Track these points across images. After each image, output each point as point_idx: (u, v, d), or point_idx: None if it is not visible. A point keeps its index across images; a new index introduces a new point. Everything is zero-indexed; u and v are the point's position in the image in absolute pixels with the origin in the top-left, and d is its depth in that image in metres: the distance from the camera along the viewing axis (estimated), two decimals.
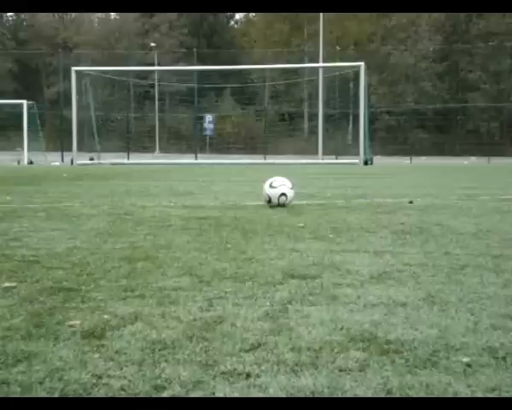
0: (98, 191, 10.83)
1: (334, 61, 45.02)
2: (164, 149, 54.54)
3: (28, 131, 33.68)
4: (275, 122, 52.04)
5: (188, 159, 35.99)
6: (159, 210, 7.40)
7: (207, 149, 52.43)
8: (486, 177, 17.91)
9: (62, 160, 34.97)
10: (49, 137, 43.94)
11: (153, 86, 54.83)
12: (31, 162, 32.26)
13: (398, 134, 50.47)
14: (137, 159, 34.49)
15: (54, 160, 34.08)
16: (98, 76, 38.35)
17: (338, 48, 46.61)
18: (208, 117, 52.33)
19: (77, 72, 29.35)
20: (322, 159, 35.52)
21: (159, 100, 55.94)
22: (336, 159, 36.28)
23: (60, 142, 39.27)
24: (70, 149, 29.59)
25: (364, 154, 26.57)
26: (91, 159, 30.78)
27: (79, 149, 29.90)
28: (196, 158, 37.88)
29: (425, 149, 48.51)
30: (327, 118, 46.46)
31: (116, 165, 28.74)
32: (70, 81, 29.41)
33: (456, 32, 54.28)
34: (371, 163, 27.03)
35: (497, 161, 37.12)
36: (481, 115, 50.71)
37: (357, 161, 26.47)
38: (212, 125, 52.99)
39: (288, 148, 49.67)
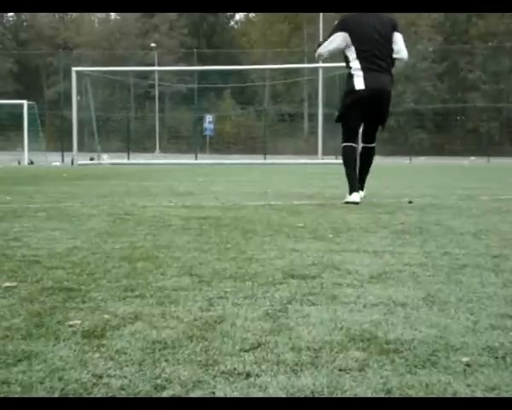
0: (98, 191, 10.84)
1: (335, 61, 44.95)
2: (164, 149, 54.63)
3: (29, 131, 33.70)
4: (275, 122, 52.08)
5: (188, 159, 36.00)
6: (159, 210, 7.41)
7: (207, 149, 52.47)
8: (486, 177, 17.93)
9: (63, 160, 35.00)
10: (49, 138, 44.03)
11: (153, 86, 54.93)
12: (31, 162, 32.28)
13: (397, 134, 50.47)
14: (138, 159, 34.51)
15: (54, 160, 34.11)
16: (98, 76, 38.37)
17: None
18: (208, 117, 52.36)
19: (77, 72, 29.36)
20: (322, 159, 35.51)
21: (159, 100, 56.00)
22: (336, 159, 36.24)
23: (60, 142, 39.32)
24: (70, 149, 29.61)
25: None
26: (92, 159, 30.79)
27: (80, 149, 29.90)
28: (196, 158, 37.91)
29: (425, 150, 48.52)
30: (327, 118, 46.35)
31: (116, 165, 28.76)
32: (70, 81, 29.41)
33: (456, 32, 54.33)
34: None
35: (497, 161, 37.13)
36: (481, 115, 50.78)
37: None
38: (212, 126, 53.02)
39: (287, 148, 49.72)
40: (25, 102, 33.75)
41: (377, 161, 28.41)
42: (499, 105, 48.40)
